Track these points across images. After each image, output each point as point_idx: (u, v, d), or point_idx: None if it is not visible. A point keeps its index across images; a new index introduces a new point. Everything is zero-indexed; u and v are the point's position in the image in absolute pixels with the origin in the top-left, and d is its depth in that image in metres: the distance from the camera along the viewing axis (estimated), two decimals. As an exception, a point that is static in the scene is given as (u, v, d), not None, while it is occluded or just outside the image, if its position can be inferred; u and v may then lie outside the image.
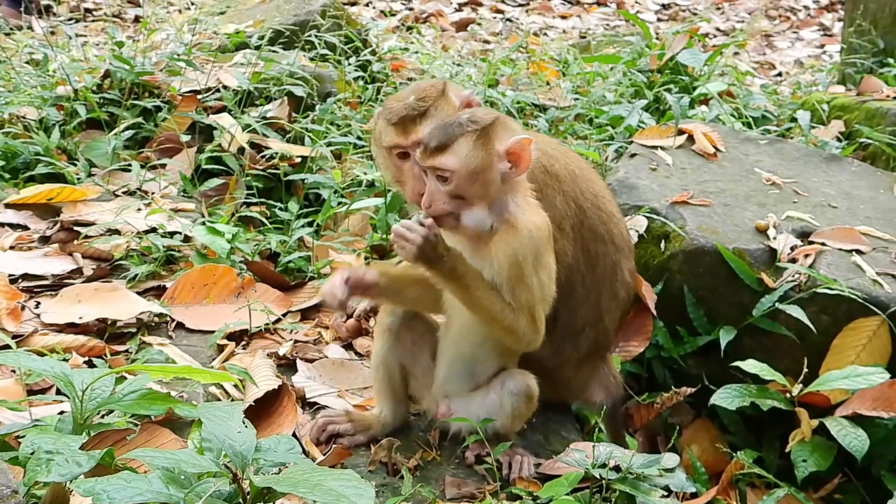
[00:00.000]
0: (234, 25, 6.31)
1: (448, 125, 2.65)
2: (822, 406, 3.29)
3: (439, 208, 2.64)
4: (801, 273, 3.51)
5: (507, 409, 2.86)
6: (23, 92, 5.11)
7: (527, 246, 2.66)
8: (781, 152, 4.52)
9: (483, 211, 2.66)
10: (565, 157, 3.18)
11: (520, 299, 2.67)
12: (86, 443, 2.32)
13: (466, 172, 2.61)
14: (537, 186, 2.99)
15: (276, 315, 3.55)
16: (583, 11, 11.31)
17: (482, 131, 2.63)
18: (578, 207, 3.11)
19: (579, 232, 3.10)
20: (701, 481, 3.31)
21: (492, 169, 2.64)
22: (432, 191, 2.65)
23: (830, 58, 9.33)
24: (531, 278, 2.68)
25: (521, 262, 2.65)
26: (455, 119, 2.67)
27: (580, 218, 3.11)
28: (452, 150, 2.60)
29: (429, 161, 2.62)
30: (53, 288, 3.57)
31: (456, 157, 2.60)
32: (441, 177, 2.63)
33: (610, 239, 3.19)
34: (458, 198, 2.63)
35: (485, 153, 2.62)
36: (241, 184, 4.54)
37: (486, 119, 2.65)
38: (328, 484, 1.88)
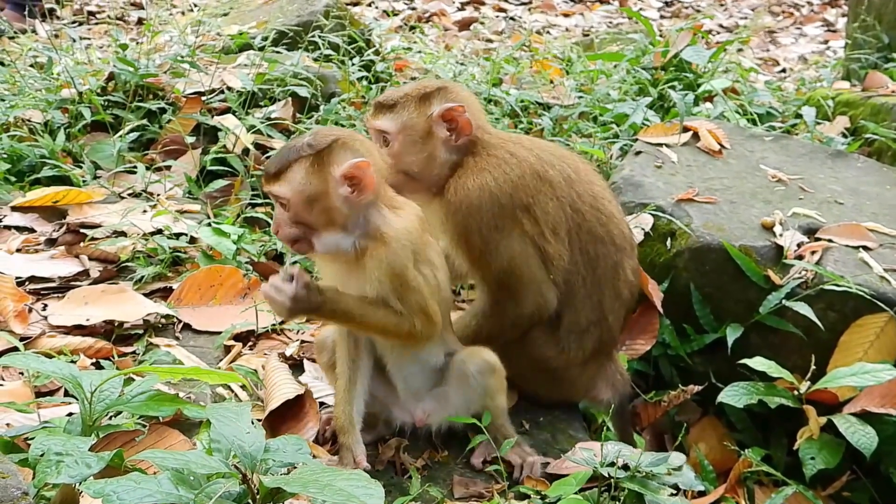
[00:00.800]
0: (237, 27, 6.32)
1: (286, 150, 2.62)
2: (830, 403, 3.28)
3: (286, 233, 2.64)
4: (807, 270, 3.50)
5: (478, 390, 2.84)
6: (27, 95, 5.12)
7: (400, 255, 2.65)
8: (787, 149, 4.51)
9: (335, 235, 2.64)
10: (561, 162, 3.19)
11: (410, 304, 2.67)
12: (95, 444, 2.33)
13: (301, 199, 2.58)
14: (529, 192, 3.02)
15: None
16: (585, 9, 11.30)
17: (316, 156, 2.58)
18: (575, 211, 3.13)
19: (577, 235, 3.13)
20: (709, 479, 3.30)
21: (329, 195, 2.59)
22: (277, 217, 2.65)
23: (834, 53, 9.31)
24: (416, 281, 2.68)
25: (400, 272, 2.64)
26: (295, 143, 2.63)
27: (577, 221, 3.13)
28: (286, 177, 2.57)
29: (267, 187, 2.63)
30: (60, 290, 3.58)
31: (289, 184, 2.57)
32: (281, 203, 2.62)
33: (610, 240, 3.19)
34: (301, 224, 2.61)
35: (318, 179, 2.58)
36: (246, 185, 4.54)
37: (322, 143, 2.60)
38: (338, 484, 1.88)
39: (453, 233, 3.03)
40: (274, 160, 2.64)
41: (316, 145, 2.59)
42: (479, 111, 3.22)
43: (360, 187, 2.60)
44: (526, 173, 3.06)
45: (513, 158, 3.07)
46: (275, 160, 2.63)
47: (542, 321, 3.11)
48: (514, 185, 3.02)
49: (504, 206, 3.00)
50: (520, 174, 3.05)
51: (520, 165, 3.06)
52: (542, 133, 5.24)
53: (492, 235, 2.97)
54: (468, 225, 2.95)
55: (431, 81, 3.21)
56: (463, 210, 2.95)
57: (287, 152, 2.61)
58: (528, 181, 3.05)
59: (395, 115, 3.06)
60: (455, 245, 3.06)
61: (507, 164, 3.05)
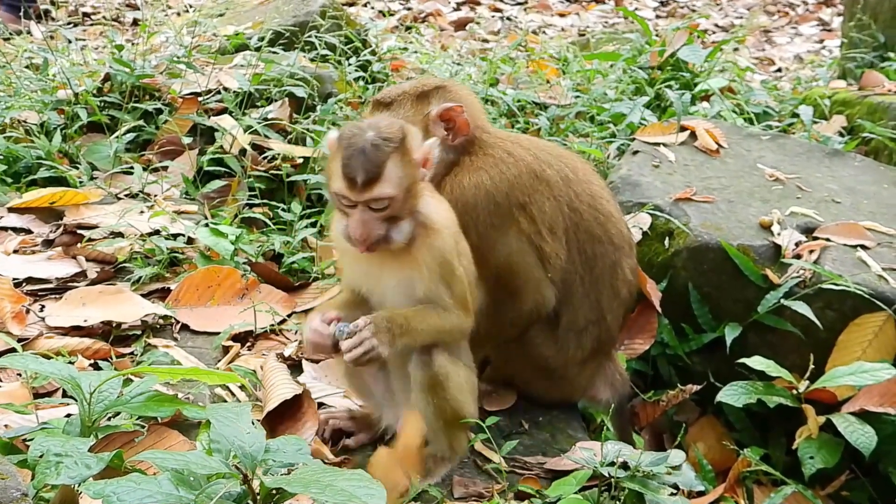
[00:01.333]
0: (233, 27, 6.30)
1: (365, 153, 2.50)
2: (828, 402, 3.28)
3: (376, 234, 2.56)
4: (805, 269, 3.50)
5: (425, 409, 2.73)
6: (23, 96, 5.11)
7: (448, 243, 2.66)
8: (784, 148, 4.52)
9: (408, 222, 2.62)
10: (559, 162, 3.18)
11: (455, 293, 2.68)
12: (94, 445, 2.32)
13: (402, 192, 2.55)
14: (525, 191, 3.02)
15: (281, 316, 3.55)
16: (581, 9, 11.31)
17: (401, 146, 2.55)
18: (573, 210, 3.12)
19: (574, 235, 3.12)
20: (708, 479, 3.30)
21: (417, 180, 2.60)
22: (365, 221, 2.55)
23: (830, 53, 9.32)
24: (458, 269, 2.69)
25: (448, 259, 2.65)
26: (366, 143, 2.52)
27: (575, 221, 3.12)
28: (385, 177, 2.51)
29: (365, 195, 2.52)
30: (58, 291, 3.57)
31: (390, 182, 2.52)
32: (377, 207, 2.54)
33: (608, 239, 3.19)
34: (390, 219, 2.58)
35: (410, 168, 2.57)
36: (243, 185, 4.53)
37: (397, 133, 2.57)
38: (339, 484, 1.87)
39: None
40: (358, 167, 2.49)
41: (393, 137, 2.54)
42: (479, 110, 3.21)
43: (427, 166, 2.63)
44: (522, 172, 3.05)
45: (510, 157, 3.06)
46: (359, 167, 2.49)
47: (540, 320, 3.10)
48: (510, 184, 3.02)
49: (500, 205, 3.00)
50: (516, 173, 3.04)
51: (516, 164, 3.06)
52: (539, 133, 5.24)
53: (488, 233, 2.97)
54: (464, 223, 2.94)
55: (431, 80, 3.18)
56: (459, 208, 2.94)
57: (370, 154, 2.49)
58: (525, 180, 3.05)
59: (392, 113, 3.03)
60: None
61: (504, 162, 3.05)
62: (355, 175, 2.49)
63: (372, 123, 2.60)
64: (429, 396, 2.69)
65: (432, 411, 2.71)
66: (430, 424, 2.74)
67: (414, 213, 2.62)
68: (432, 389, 2.69)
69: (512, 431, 3.13)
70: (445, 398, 2.70)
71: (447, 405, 2.71)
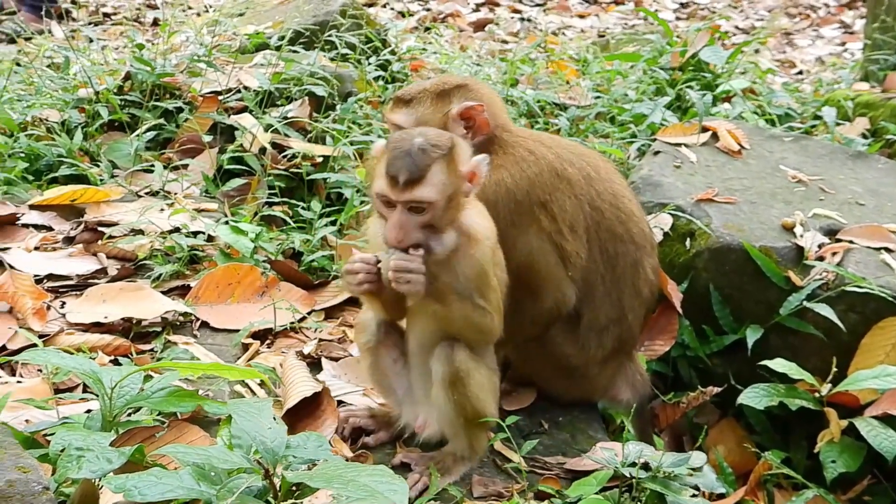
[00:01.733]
0: (253, 26, 6.31)
1: (411, 155, 2.50)
2: (851, 406, 3.25)
3: (413, 238, 2.54)
4: (828, 271, 3.47)
5: (445, 406, 2.72)
6: (45, 95, 5.13)
7: (487, 253, 2.65)
8: (807, 149, 4.49)
9: (451, 234, 2.61)
10: (581, 160, 3.17)
11: (490, 300, 2.67)
12: (115, 440, 2.33)
13: (444, 198, 2.53)
14: (546, 190, 3.00)
15: (301, 314, 3.54)
16: (601, 10, 11.28)
17: (449, 154, 2.54)
18: (594, 209, 3.11)
19: (595, 234, 3.11)
20: (728, 482, 3.28)
21: (460, 192, 2.58)
22: (403, 223, 2.53)
23: (852, 55, 9.26)
24: (493, 280, 2.69)
25: (486, 270, 2.65)
26: (414, 146, 2.51)
27: (596, 220, 3.10)
28: (428, 180, 2.49)
29: (405, 195, 2.50)
30: (78, 288, 3.58)
31: (433, 186, 2.50)
32: (415, 208, 2.53)
33: (630, 238, 3.17)
34: (428, 227, 2.56)
35: (455, 178, 2.55)
36: (263, 184, 4.53)
37: (446, 142, 2.56)
38: (361, 479, 1.87)
39: None
40: (402, 167, 2.48)
41: (442, 145, 2.53)
42: (501, 109, 3.20)
43: (475, 182, 2.62)
44: (543, 170, 3.04)
45: (531, 156, 3.05)
46: (404, 166, 2.48)
47: (560, 318, 3.09)
48: (530, 182, 3.00)
49: (521, 203, 2.99)
50: (537, 171, 3.03)
51: (538, 162, 3.04)
52: (559, 133, 5.22)
53: (509, 231, 2.95)
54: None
55: (452, 78, 3.16)
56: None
57: (416, 156, 2.48)
58: (546, 178, 3.03)
59: (412, 111, 3.03)
60: None
61: (525, 161, 3.04)
62: (398, 174, 2.48)
63: (422, 131, 2.60)
64: (449, 392, 2.68)
65: (452, 408, 2.70)
66: (450, 422, 2.74)
67: (456, 223, 2.61)
68: (453, 385, 2.67)
69: (531, 431, 3.12)
70: (466, 395, 2.68)
71: (467, 402, 2.69)
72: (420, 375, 2.84)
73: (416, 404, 2.90)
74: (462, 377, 2.67)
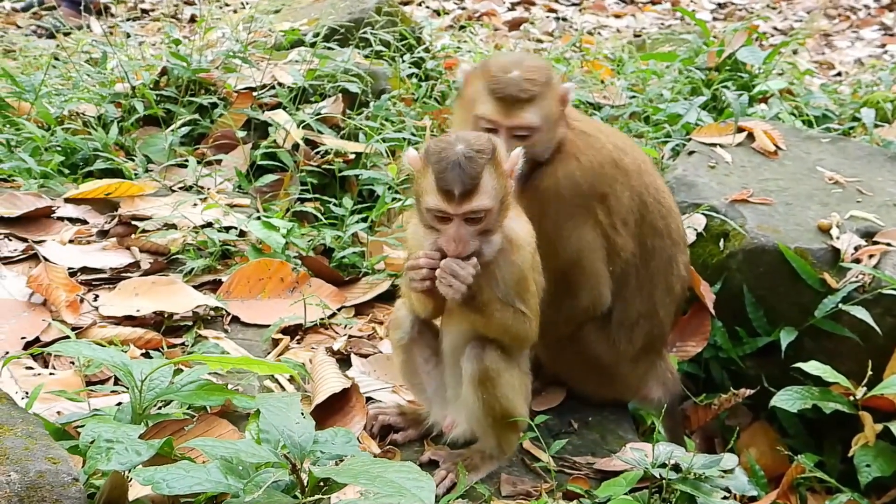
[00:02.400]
0: (289, 23, 6.34)
1: (461, 165, 2.46)
2: (886, 410, 3.21)
3: (472, 247, 2.54)
4: (865, 273, 3.43)
5: (474, 404, 2.71)
6: (82, 89, 5.18)
7: (528, 259, 2.65)
8: (844, 151, 4.43)
9: (497, 236, 2.60)
10: (633, 151, 3.15)
11: (529, 305, 2.66)
12: (144, 433, 2.34)
13: (497, 204, 2.52)
14: (607, 181, 2.96)
15: (331, 310, 3.55)
16: (637, 10, 11.20)
17: (493, 157, 2.52)
18: (642, 203, 3.08)
19: (640, 227, 3.07)
20: (760, 485, 3.26)
21: (509, 191, 2.57)
22: (461, 235, 2.51)
23: (892, 57, 9.14)
24: (532, 285, 2.67)
25: (525, 275, 2.64)
26: (460, 156, 2.47)
27: (642, 213, 3.07)
28: (481, 189, 2.47)
29: (464, 207, 2.48)
30: (111, 281, 3.61)
31: (487, 194, 2.49)
32: (473, 218, 2.51)
33: (667, 233, 3.15)
34: (483, 232, 2.56)
35: (503, 179, 2.54)
36: (295, 180, 4.55)
37: (488, 145, 2.53)
38: (388, 476, 1.86)
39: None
40: (455, 180, 2.45)
41: (485, 150, 2.50)
42: None
43: (513, 176, 2.60)
44: (605, 161, 2.99)
45: (596, 143, 3.01)
46: (456, 179, 2.45)
47: (594, 316, 3.06)
48: (595, 174, 2.96)
49: (585, 195, 2.95)
50: (600, 162, 2.98)
51: (600, 152, 3.00)
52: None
53: (564, 225, 2.92)
54: (546, 211, 2.89)
55: (529, 61, 3.00)
56: (546, 197, 2.90)
57: (466, 167, 2.45)
58: (608, 170, 3.00)
59: (537, 107, 2.88)
60: None
61: (591, 149, 2.99)
62: (452, 188, 2.46)
63: (460, 137, 2.56)
64: (479, 391, 2.67)
65: (480, 407, 2.69)
66: (479, 421, 2.73)
67: (500, 226, 2.60)
68: (482, 384, 2.66)
69: (561, 431, 3.10)
70: (495, 394, 2.67)
71: (496, 402, 2.68)
72: (452, 374, 2.83)
73: (445, 403, 2.89)
74: (492, 376, 2.66)
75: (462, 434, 2.87)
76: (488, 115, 2.85)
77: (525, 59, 2.94)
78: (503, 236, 2.61)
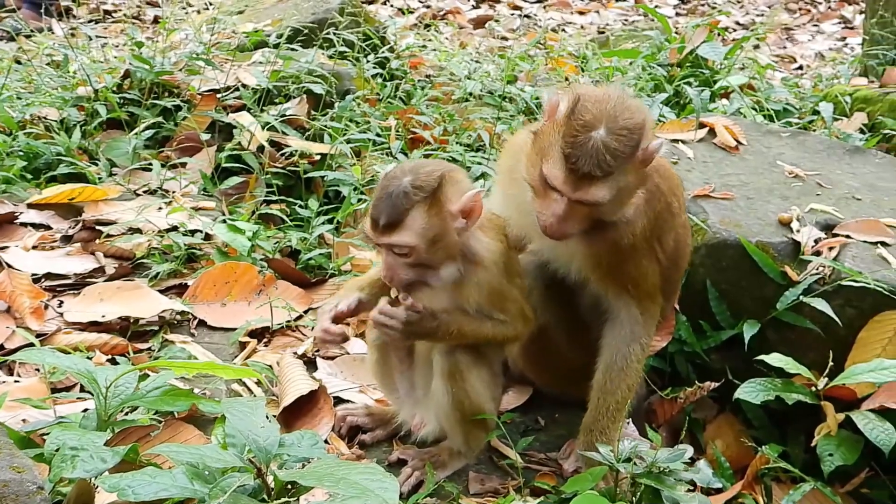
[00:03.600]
0: (252, 24, 6.32)
1: (392, 197, 2.48)
2: (848, 400, 3.25)
3: (403, 279, 2.58)
4: (825, 266, 3.47)
5: (443, 398, 2.74)
6: (44, 93, 5.14)
7: (496, 274, 2.66)
8: (804, 145, 4.48)
9: (449, 267, 2.62)
10: (679, 191, 3.17)
11: (510, 312, 2.70)
12: (110, 439, 2.34)
13: (425, 243, 2.51)
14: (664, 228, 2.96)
15: (298, 312, 3.55)
16: (601, 7, 11.27)
17: (430, 197, 2.50)
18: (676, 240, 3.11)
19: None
20: (726, 476, 3.29)
21: (448, 231, 2.55)
22: (391, 265, 2.56)
23: (852, 50, 9.25)
24: (511, 292, 2.70)
25: (498, 289, 2.67)
26: (394, 188, 2.48)
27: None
28: (406, 225, 2.48)
29: (383, 238, 2.51)
30: (76, 287, 3.59)
31: (411, 231, 2.49)
32: (398, 253, 2.54)
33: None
34: (419, 266, 2.57)
35: (438, 219, 2.52)
36: (261, 182, 4.54)
37: (430, 182, 2.51)
38: (353, 478, 1.87)
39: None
40: (382, 210, 2.48)
41: (426, 186, 2.50)
42: None
43: (472, 217, 2.57)
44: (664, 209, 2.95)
45: (658, 194, 2.92)
46: (383, 210, 2.48)
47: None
48: (655, 224, 2.91)
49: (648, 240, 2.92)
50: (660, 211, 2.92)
51: (661, 201, 2.93)
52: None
53: (641, 261, 2.92)
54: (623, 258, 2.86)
55: (624, 113, 2.60)
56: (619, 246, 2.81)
57: (396, 200, 2.47)
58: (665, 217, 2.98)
59: (613, 182, 2.58)
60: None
61: (656, 200, 2.90)
62: (378, 217, 2.49)
63: (415, 167, 2.56)
64: (448, 384, 2.70)
65: (449, 401, 2.72)
66: (447, 416, 2.75)
67: (458, 254, 2.61)
68: (452, 377, 2.69)
69: (528, 428, 3.13)
70: (465, 389, 2.70)
71: (466, 397, 2.71)
72: (423, 374, 2.85)
73: (416, 403, 2.91)
74: (462, 370, 2.70)
75: (431, 433, 2.89)
76: (555, 183, 2.58)
77: (618, 109, 2.58)
78: (465, 260, 2.61)
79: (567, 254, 2.86)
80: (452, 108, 5.48)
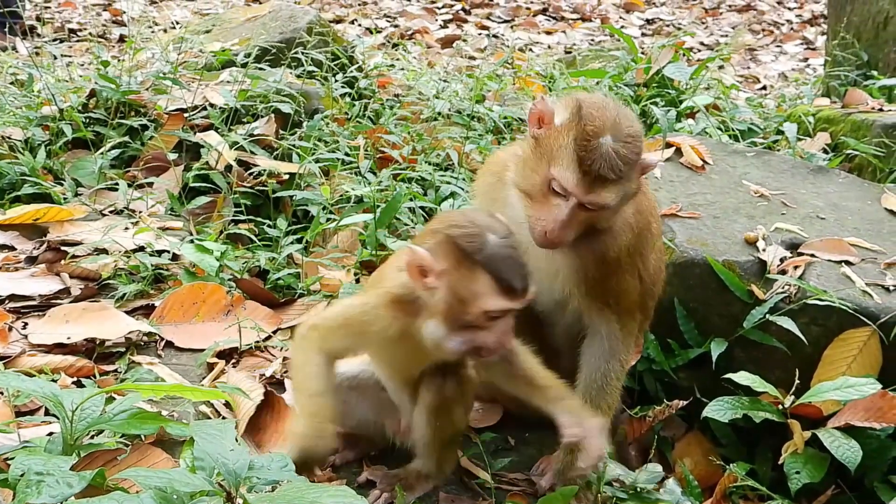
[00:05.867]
0: (219, 44, 6.30)
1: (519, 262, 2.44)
2: (814, 417, 3.28)
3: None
4: (791, 284, 3.51)
5: (426, 429, 2.76)
6: (8, 112, 5.09)
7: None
8: (769, 164, 4.53)
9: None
10: (656, 213, 3.23)
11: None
12: (76, 463, 2.31)
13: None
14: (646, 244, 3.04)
15: (267, 332, 3.53)
16: (567, 27, 11.37)
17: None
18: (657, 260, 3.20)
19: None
20: (694, 495, 3.29)
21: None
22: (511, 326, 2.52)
23: (814, 71, 9.39)
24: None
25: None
26: (510, 252, 2.43)
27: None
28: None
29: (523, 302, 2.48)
30: (41, 308, 3.54)
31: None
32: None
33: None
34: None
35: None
36: (228, 201, 4.52)
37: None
38: (324, 500, 1.86)
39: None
40: (517, 277, 2.40)
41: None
42: None
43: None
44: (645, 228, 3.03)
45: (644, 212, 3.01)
46: (518, 276, 2.40)
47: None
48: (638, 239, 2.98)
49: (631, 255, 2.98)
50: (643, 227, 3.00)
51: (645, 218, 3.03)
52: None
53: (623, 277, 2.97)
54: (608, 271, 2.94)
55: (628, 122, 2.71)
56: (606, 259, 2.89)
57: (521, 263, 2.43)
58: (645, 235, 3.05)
59: (620, 187, 2.67)
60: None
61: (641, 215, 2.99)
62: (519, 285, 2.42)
63: (492, 224, 2.46)
64: (433, 418, 2.72)
65: (431, 432, 2.74)
66: (427, 445, 2.76)
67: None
68: (437, 412, 2.71)
69: (499, 448, 3.12)
70: (450, 421, 2.74)
71: (448, 428, 2.75)
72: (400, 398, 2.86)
73: (393, 411, 2.90)
74: (450, 405, 2.72)
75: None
76: (567, 185, 2.63)
77: (622, 118, 2.68)
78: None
79: (553, 270, 2.88)
80: (421, 127, 5.48)
